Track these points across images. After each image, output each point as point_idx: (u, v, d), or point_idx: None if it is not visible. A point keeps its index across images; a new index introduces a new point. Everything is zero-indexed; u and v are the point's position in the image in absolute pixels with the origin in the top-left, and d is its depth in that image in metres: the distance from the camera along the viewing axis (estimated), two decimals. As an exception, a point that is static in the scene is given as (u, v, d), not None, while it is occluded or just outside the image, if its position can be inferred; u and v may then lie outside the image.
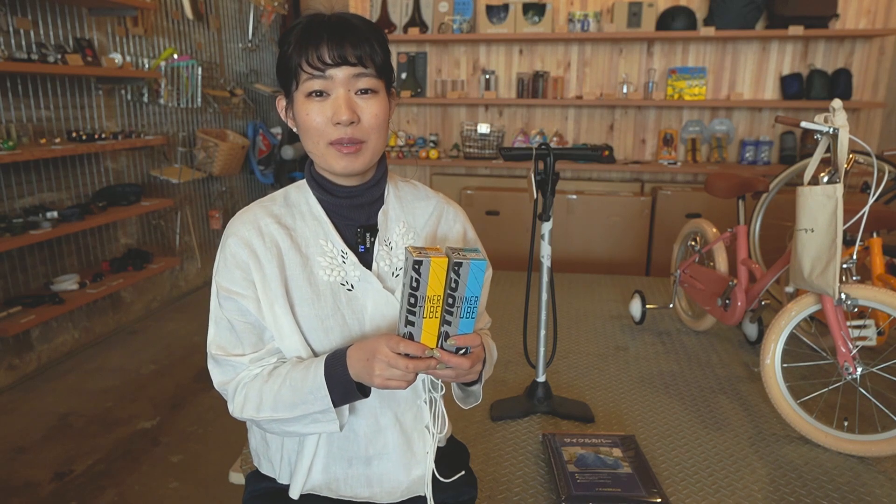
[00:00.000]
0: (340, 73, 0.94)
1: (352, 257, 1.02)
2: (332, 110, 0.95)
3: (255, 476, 1.17)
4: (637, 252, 3.98)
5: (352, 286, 1.02)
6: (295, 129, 1.02)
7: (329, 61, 0.93)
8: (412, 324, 0.88)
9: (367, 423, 1.04)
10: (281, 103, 1.03)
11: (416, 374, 0.90)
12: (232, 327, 1.00)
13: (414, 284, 0.86)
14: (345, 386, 0.93)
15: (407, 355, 0.88)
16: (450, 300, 0.87)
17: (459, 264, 0.85)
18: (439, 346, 0.89)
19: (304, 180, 1.08)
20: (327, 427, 0.97)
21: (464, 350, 0.90)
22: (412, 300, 0.86)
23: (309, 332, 1.00)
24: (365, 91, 0.96)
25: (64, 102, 3.14)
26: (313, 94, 0.96)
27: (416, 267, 0.85)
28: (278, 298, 0.98)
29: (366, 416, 1.04)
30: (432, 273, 0.85)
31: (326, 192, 1.04)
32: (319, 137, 0.97)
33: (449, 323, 0.88)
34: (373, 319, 1.02)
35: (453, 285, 0.86)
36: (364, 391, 0.96)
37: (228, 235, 1.01)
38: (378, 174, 1.06)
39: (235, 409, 1.00)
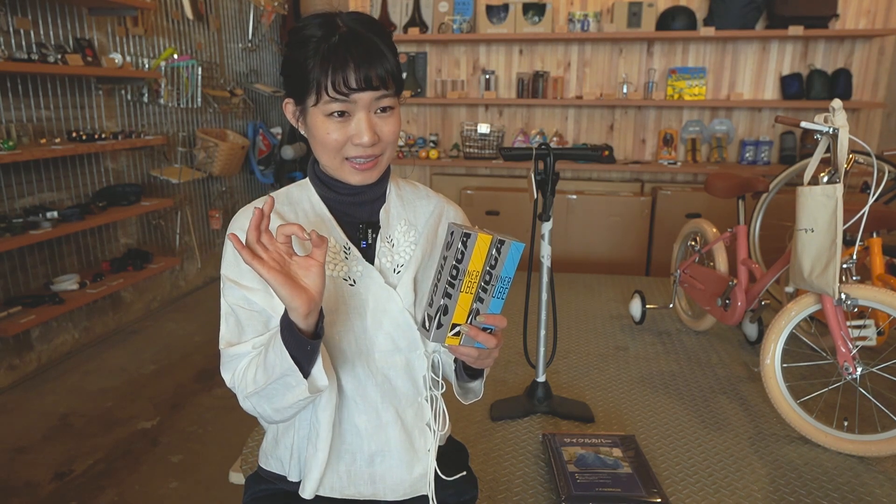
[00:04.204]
0: (364, 97, 0.94)
1: (354, 252, 1.04)
2: (355, 131, 0.96)
3: (256, 478, 1.17)
4: (637, 252, 3.98)
5: (354, 281, 1.03)
6: (303, 132, 1.02)
7: (355, 87, 0.93)
8: (449, 296, 0.89)
9: (369, 418, 1.05)
10: (289, 108, 1.02)
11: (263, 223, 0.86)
12: (237, 318, 1.00)
13: (459, 257, 0.87)
14: (289, 330, 0.88)
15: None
16: (487, 277, 0.89)
17: (502, 242, 0.88)
18: (469, 322, 0.90)
19: (307, 178, 1.08)
20: (297, 391, 0.91)
21: (489, 330, 0.91)
22: (454, 272, 0.88)
23: None
24: (384, 109, 0.98)
25: (64, 102, 3.14)
26: (334, 114, 0.95)
27: (465, 239, 0.87)
28: None
29: (367, 411, 1.05)
30: (476, 248, 0.87)
31: (329, 189, 1.05)
32: (337, 153, 0.98)
33: (482, 300, 0.90)
34: (374, 314, 1.03)
35: (493, 262, 0.88)
36: (317, 334, 0.90)
37: (233, 230, 1.01)
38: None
39: (239, 398, 0.99)
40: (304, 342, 0.88)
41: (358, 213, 1.06)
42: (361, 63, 0.92)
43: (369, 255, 1.06)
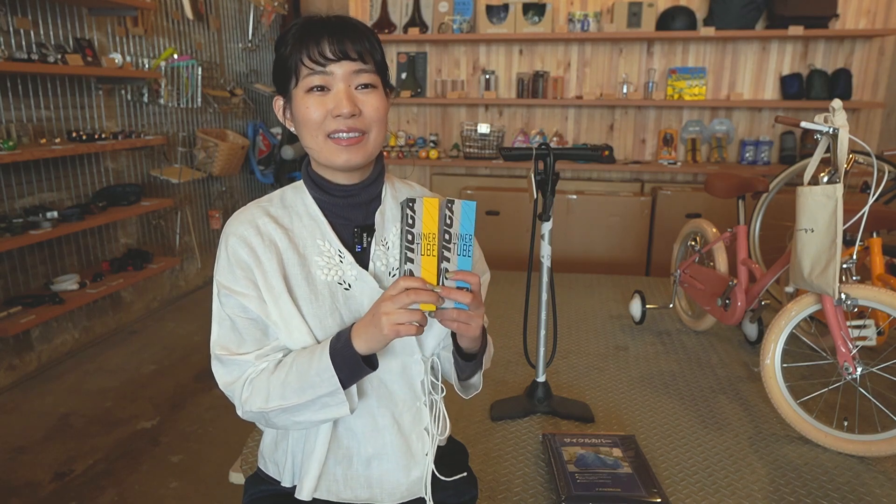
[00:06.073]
0: (341, 69, 0.95)
1: (349, 257, 1.03)
2: (334, 103, 0.96)
3: (255, 479, 1.17)
4: (637, 252, 3.98)
5: (349, 285, 1.02)
6: (292, 129, 1.03)
7: (330, 56, 0.94)
8: (411, 261, 0.92)
9: (365, 422, 1.05)
10: (278, 103, 1.04)
11: (426, 319, 0.90)
12: (234, 325, 1.00)
13: (409, 222, 0.91)
14: (350, 362, 0.93)
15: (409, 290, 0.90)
16: (446, 236, 0.92)
17: (452, 201, 0.93)
18: (440, 283, 0.92)
19: (301, 181, 1.08)
20: (338, 411, 0.96)
21: (465, 289, 0.93)
22: (409, 237, 0.91)
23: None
24: (365, 86, 0.98)
25: (64, 102, 3.15)
26: (314, 89, 0.96)
27: (410, 205, 0.91)
28: (282, 294, 0.99)
29: (363, 416, 1.04)
30: (426, 211, 0.91)
31: (323, 191, 1.04)
32: (318, 130, 0.98)
33: (447, 259, 0.92)
34: None
35: (448, 221, 0.92)
36: (371, 364, 0.96)
37: (228, 235, 1.01)
38: (375, 173, 1.06)
39: (243, 406, 1.00)
40: (364, 370, 0.95)
41: (353, 216, 1.05)
42: (337, 35, 0.94)
43: (364, 258, 1.05)
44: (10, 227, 2.64)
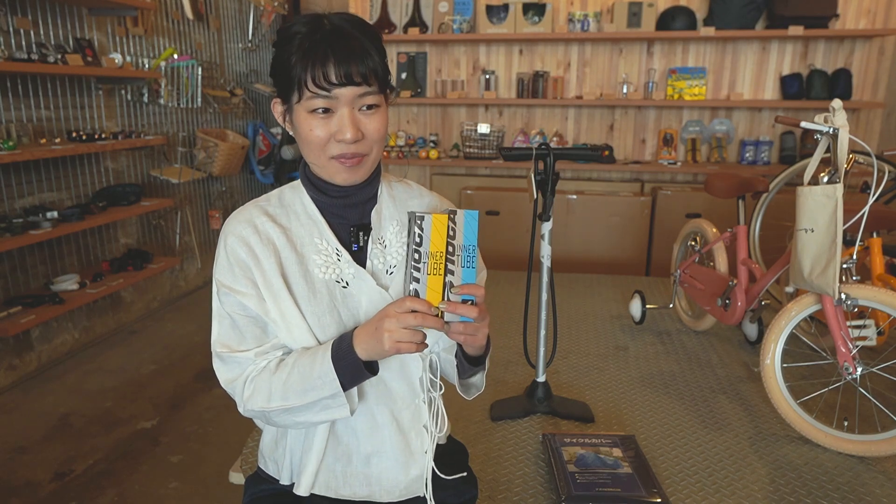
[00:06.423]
0: (346, 93, 0.94)
1: (346, 255, 1.04)
2: (337, 128, 0.96)
3: (255, 479, 1.18)
4: (637, 252, 3.98)
5: (346, 283, 1.03)
6: (290, 132, 1.02)
7: (335, 81, 0.93)
8: (417, 280, 0.91)
9: (364, 419, 1.05)
10: (277, 108, 1.02)
11: (426, 337, 0.92)
12: (234, 323, 1.01)
13: (417, 240, 0.90)
14: (352, 367, 0.94)
15: (415, 312, 0.90)
16: (450, 248, 0.91)
17: (455, 212, 0.92)
18: (444, 298, 0.92)
19: (299, 180, 1.08)
20: (338, 412, 0.97)
21: (471, 301, 0.92)
22: (416, 256, 0.91)
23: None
24: (369, 107, 0.97)
25: (64, 102, 3.15)
26: (318, 110, 0.95)
27: (419, 222, 0.90)
28: (281, 293, 0.99)
29: (363, 412, 1.05)
30: (434, 229, 0.90)
31: (320, 191, 1.05)
32: (321, 151, 0.98)
33: (452, 273, 0.92)
34: (367, 315, 1.03)
35: (451, 233, 0.91)
36: (372, 369, 0.97)
37: (227, 234, 1.02)
38: (372, 174, 1.06)
39: (244, 404, 1.00)
40: (365, 375, 0.96)
41: (349, 215, 1.06)
42: (342, 58, 0.92)
43: (361, 257, 1.05)
44: (10, 227, 2.64)
